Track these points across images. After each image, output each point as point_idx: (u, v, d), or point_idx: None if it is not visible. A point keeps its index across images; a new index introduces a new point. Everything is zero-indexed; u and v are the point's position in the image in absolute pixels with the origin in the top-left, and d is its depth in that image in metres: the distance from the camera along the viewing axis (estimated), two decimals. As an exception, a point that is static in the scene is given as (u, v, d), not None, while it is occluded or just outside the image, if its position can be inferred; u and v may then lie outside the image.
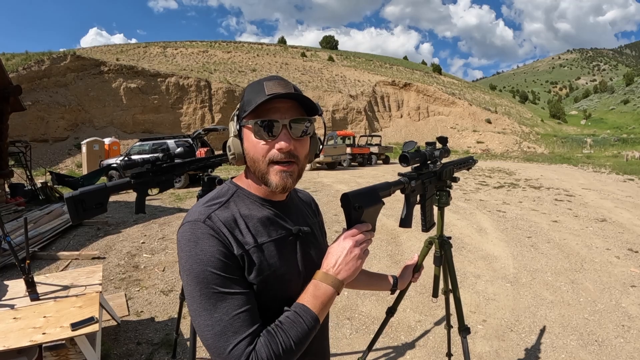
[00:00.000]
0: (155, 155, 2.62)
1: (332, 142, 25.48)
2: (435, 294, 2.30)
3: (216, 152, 18.19)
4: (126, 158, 16.19)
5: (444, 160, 1.94)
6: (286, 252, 1.15)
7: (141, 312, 4.46)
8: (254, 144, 1.12)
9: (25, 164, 14.67)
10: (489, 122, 57.14)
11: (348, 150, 26.71)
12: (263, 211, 1.17)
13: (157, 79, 41.09)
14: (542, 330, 4.11)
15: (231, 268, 1.01)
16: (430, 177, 1.73)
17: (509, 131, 54.50)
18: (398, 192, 1.55)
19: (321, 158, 22.87)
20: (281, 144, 1.08)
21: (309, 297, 1.06)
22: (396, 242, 7.32)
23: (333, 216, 9.37)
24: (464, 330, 2.29)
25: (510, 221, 9.10)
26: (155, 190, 2.57)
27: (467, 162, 2.13)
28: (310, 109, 1.16)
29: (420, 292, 5.06)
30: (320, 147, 1.27)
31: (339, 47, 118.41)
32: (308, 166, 23.26)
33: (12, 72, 30.55)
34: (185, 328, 4.04)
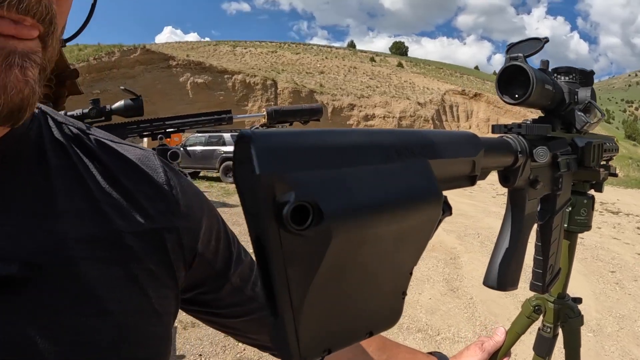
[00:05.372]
0: (81, 109, 1.71)
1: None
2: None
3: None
4: (182, 148, 16.20)
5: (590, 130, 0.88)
6: None
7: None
8: None
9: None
10: (564, 138, 54.25)
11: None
12: None
13: (224, 76, 41.92)
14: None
15: None
16: (567, 153, 0.69)
17: (585, 150, 51.38)
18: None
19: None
20: None
21: None
22: (455, 263, 6.24)
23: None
24: None
25: (590, 250, 7.71)
26: None
27: (612, 146, 1.05)
28: None
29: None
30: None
31: (409, 54, 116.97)
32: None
33: (83, 61, 31.94)
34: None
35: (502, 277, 0.58)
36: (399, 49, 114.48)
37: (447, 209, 0.36)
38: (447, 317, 4.33)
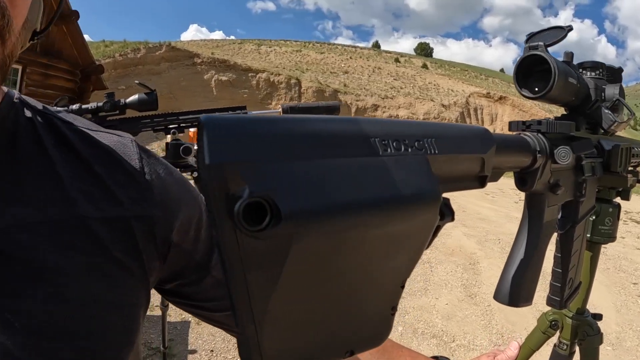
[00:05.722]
0: (95, 103, 1.72)
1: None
2: None
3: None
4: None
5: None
6: None
7: (156, 306, 3.66)
8: None
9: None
10: (591, 144, 53.07)
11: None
12: None
13: (249, 74, 42.11)
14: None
15: None
16: (593, 155, 0.63)
17: (613, 157, 50.26)
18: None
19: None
20: None
21: None
22: (474, 269, 6.10)
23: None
24: None
25: (612, 260, 7.46)
26: None
27: None
28: None
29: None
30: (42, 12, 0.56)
31: (434, 55, 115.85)
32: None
33: (109, 57, 32.34)
34: (178, 337, 3.37)
35: (514, 291, 0.52)
36: (423, 50, 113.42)
37: (448, 214, 0.31)
38: (463, 323, 4.24)
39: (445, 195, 0.32)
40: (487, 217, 10.15)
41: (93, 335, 0.50)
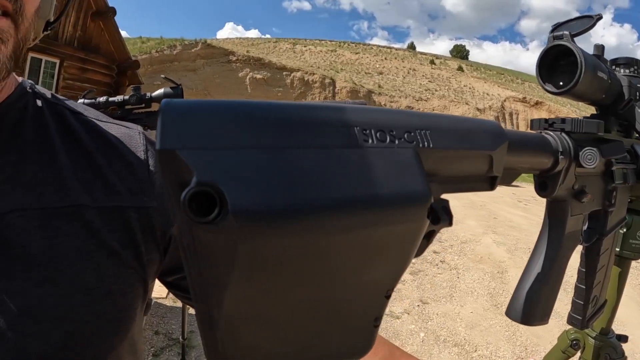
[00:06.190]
0: (122, 96, 1.76)
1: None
2: None
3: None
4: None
5: None
6: None
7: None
8: None
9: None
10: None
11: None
12: None
13: (283, 73, 42.57)
14: None
15: None
16: (625, 161, 0.56)
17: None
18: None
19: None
20: None
21: None
22: (502, 278, 5.94)
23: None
24: None
25: (645, 275, 7.19)
26: None
27: None
28: None
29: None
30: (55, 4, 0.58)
31: (470, 58, 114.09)
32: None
33: (145, 53, 33.51)
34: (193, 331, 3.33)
35: (528, 308, 0.47)
36: (459, 52, 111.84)
37: (444, 218, 0.27)
38: (487, 333, 4.13)
39: (445, 196, 0.29)
40: (519, 225, 9.93)
41: (81, 321, 0.51)
